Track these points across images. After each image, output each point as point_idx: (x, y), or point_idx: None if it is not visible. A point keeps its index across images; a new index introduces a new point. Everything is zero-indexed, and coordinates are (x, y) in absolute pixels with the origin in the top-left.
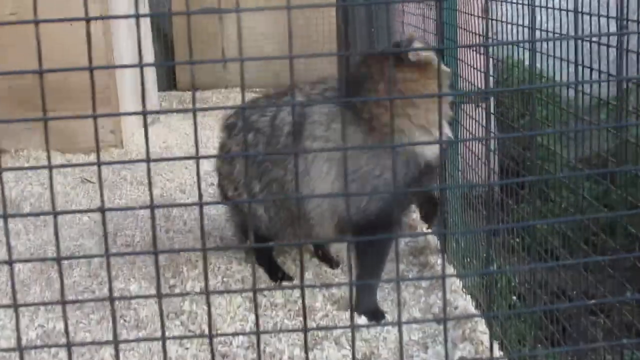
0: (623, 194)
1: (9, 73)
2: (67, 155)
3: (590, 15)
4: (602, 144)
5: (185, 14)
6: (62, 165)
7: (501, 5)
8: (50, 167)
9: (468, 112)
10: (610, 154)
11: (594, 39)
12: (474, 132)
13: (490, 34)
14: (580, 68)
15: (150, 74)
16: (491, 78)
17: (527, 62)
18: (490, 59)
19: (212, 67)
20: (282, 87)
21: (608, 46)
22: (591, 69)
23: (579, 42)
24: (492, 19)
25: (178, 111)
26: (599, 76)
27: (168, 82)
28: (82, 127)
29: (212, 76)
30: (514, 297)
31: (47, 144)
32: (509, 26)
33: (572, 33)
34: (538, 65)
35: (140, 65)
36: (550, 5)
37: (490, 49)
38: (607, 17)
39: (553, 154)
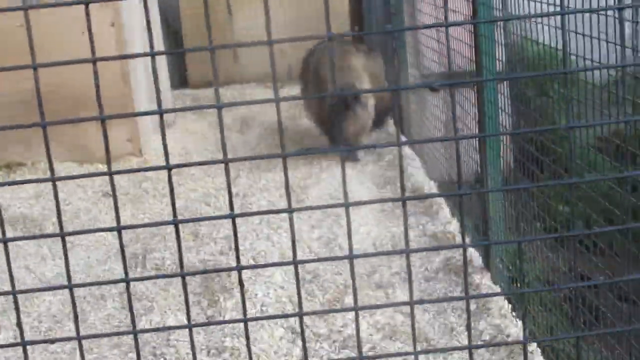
0: None
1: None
2: (84, 166)
3: None
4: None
5: None
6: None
7: None
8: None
9: (465, 95)
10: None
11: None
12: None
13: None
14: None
15: (163, 74)
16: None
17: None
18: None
19: (223, 62)
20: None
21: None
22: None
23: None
24: None
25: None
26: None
27: (180, 79)
28: (99, 137)
29: (224, 72)
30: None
31: (47, 151)
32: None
33: None
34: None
35: (152, 54)
36: None
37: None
38: None
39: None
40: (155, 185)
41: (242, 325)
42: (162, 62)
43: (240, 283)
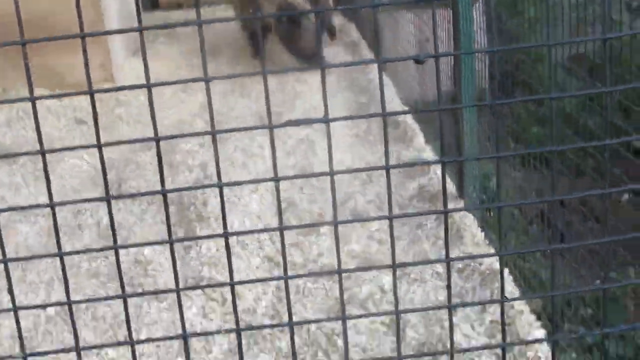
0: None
1: None
2: (55, 92)
3: None
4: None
5: None
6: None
7: None
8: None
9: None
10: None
11: None
12: None
13: None
14: None
15: None
16: None
17: None
18: None
19: None
20: None
21: None
22: None
23: None
24: None
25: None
26: None
27: (150, 1)
28: (71, 63)
29: None
30: (515, 212)
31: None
32: None
33: None
34: None
35: None
36: None
37: None
38: None
39: (541, 55)
40: (129, 111)
41: (218, 254)
42: None
43: (229, 258)
